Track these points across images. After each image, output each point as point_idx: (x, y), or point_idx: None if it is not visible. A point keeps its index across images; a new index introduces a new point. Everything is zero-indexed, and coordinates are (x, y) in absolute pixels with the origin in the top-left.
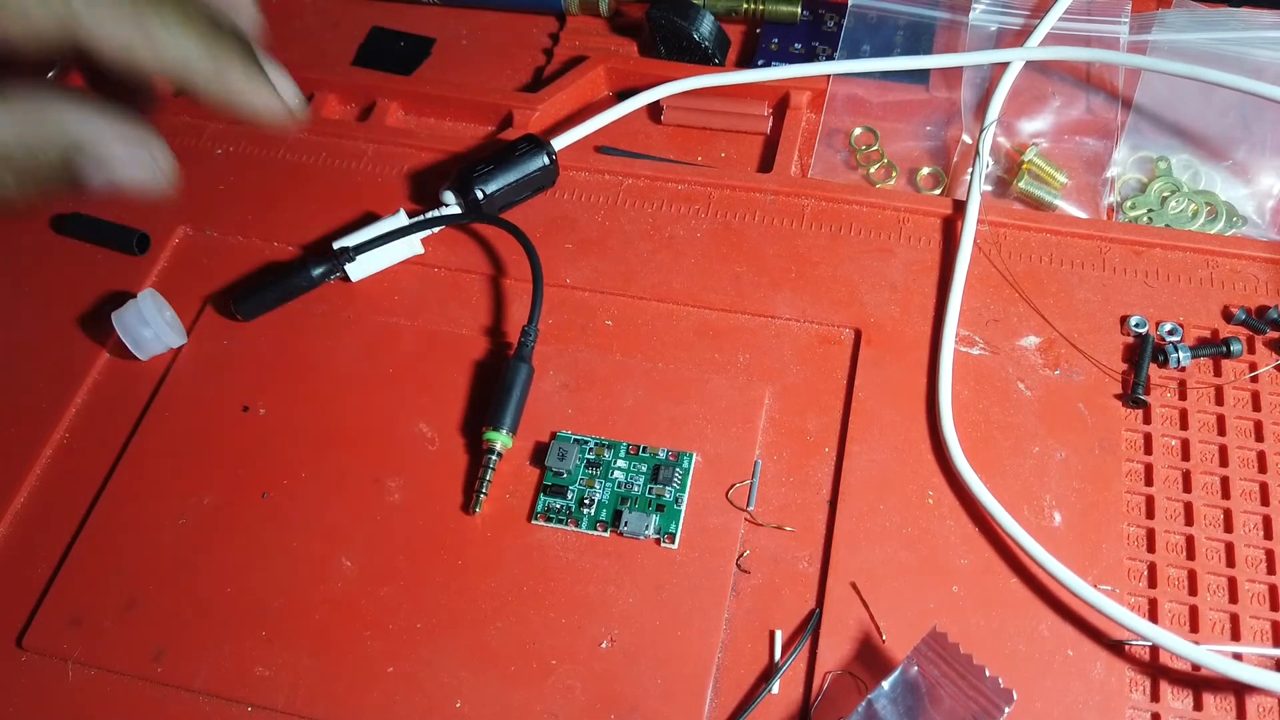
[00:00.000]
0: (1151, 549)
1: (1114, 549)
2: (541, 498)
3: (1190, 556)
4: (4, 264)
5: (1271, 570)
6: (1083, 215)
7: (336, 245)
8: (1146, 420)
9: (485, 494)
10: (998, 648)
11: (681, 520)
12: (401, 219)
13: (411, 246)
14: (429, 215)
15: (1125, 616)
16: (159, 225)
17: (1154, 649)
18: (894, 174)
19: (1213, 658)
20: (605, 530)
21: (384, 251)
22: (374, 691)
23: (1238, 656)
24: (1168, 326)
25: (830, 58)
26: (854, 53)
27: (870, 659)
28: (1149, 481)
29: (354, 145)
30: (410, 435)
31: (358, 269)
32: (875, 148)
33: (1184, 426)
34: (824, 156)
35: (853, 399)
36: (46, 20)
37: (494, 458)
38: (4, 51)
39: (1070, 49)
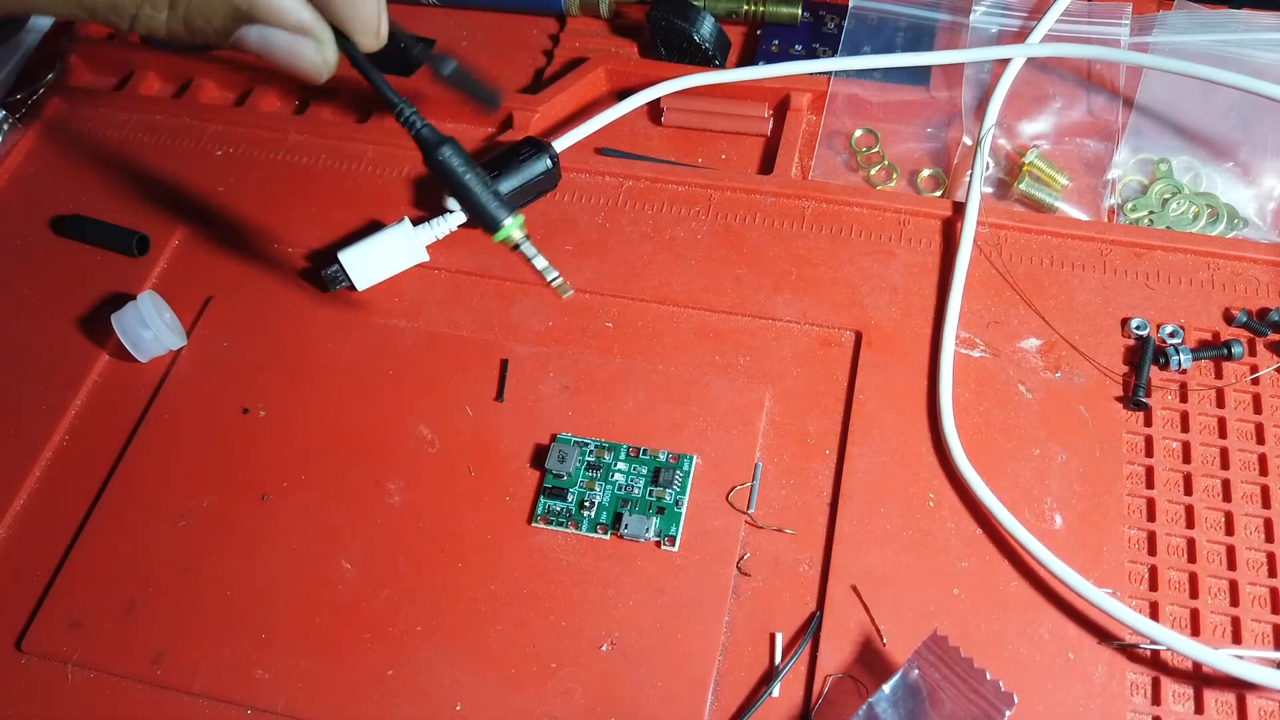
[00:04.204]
0: (1153, 552)
1: (1115, 552)
2: (541, 500)
3: (1191, 559)
4: (4, 265)
5: (1273, 573)
6: (1083, 217)
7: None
8: (1147, 423)
9: (558, 276)
10: (999, 651)
11: (682, 523)
12: (407, 226)
13: (417, 254)
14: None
15: (1131, 618)
16: (159, 227)
17: (1154, 652)
18: (894, 176)
19: (1222, 658)
20: (605, 533)
21: (389, 260)
22: (374, 694)
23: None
24: (1169, 329)
25: None
26: (854, 54)
27: (871, 662)
28: (1150, 484)
29: (354, 147)
30: (410, 437)
31: (364, 278)
32: (876, 149)
33: (1185, 429)
34: (824, 158)
35: (853, 401)
36: None
37: (526, 244)
38: None
39: (1070, 46)
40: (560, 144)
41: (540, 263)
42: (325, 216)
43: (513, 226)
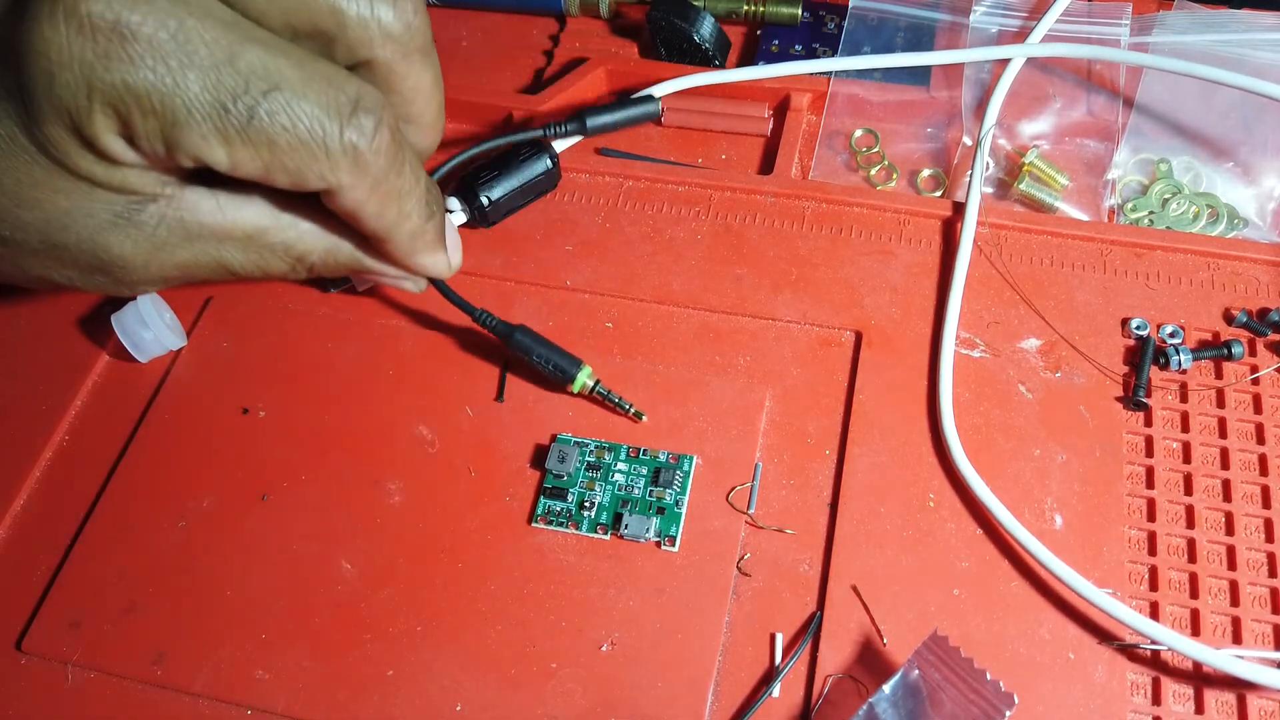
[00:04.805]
0: (1153, 552)
1: (1115, 552)
2: (541, 500)
3: (1192, 560)
4: None
5: (1273, 573)
6: (1084, 217)
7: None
8: (1148, 423)
9: (628, 405)
10: (999, 651)
11: (682, 523)
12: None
13: None
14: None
15: (1131, 618)
16: None
17: (1154, 652)
18: (895, 176)
19: (1222, 658)
20: (606, 533)
21: None
22: (374, 695)
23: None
24: (1169, 329)
25: None
26: (854, 54)
27: (871, 662)
28: (1150, 484)
29: None
30: (410, 438)
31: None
32: (876, 149)
33: (1185, 429)
34: (824, 158)
35: (853, 401)
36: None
37: (599, 385)
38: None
39: (1070, 46)
40: (560, 144)
41: (614, 397)
42: None
43: (584, 375)
